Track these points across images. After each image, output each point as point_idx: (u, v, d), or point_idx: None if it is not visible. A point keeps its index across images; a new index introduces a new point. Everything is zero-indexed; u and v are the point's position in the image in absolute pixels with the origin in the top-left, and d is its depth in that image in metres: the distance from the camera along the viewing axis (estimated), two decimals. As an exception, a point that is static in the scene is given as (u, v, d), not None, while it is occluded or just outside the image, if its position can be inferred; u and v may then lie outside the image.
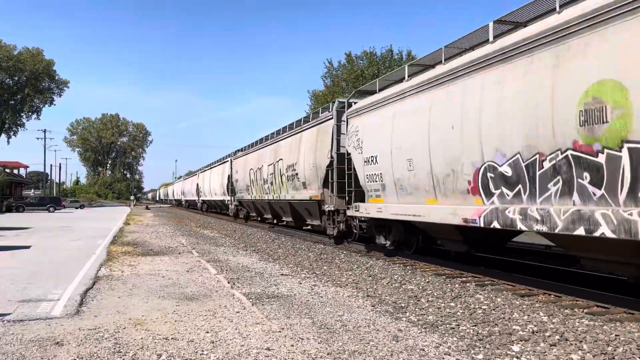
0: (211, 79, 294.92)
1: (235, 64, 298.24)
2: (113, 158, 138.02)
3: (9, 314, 6.77)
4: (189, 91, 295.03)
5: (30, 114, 72.44)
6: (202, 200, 47.16)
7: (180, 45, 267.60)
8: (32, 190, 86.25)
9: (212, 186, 39.82)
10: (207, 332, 5.89)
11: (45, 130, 77.61)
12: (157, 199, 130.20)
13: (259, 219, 27.52)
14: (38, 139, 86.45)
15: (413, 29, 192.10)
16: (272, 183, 22.08)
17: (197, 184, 49.42)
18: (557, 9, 7.46)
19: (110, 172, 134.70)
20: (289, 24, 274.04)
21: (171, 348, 5.29)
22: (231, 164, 32.57)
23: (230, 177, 32.35)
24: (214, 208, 44.27)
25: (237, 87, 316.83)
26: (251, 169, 26.03)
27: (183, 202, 67.70)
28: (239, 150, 31.89)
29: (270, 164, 22.44)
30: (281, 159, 20.73)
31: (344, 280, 9.78)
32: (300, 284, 9.30)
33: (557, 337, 5.73)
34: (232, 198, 31.93)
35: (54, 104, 74.57)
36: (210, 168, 42.13)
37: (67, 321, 6.42)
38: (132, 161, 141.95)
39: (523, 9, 8.38)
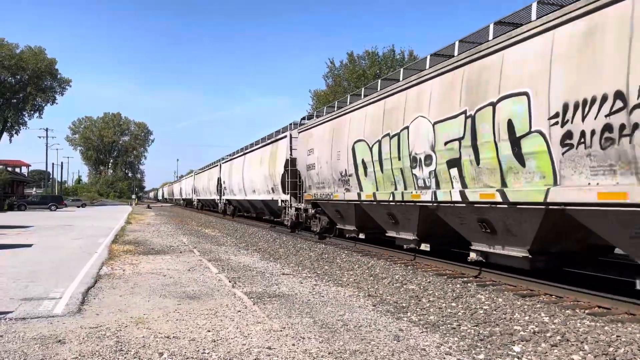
0: (212, 78, 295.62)
1: (236, 63, 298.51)
2: (115, 157, 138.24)
3: (11, 312, 6.79)
4: (190, 90, 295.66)
5: (32, 112, 72.46)
6: (227, 200, 34.58)
7: (182, 45, 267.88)
8: (34, 189, 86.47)
9: (249, 180, 27.08)
10: (209, 331, 5.90)
11: (47, 129, 77.82)
12: (161, 198, 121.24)
13: (359, 235, 14.52)
14: (40, 137, 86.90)
15: (415, 29, 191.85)
16: (456, 162, 9.11)
17: (219, 179, 36.47)
18: None
19: (111, 171, 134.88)
20: (290, 24, 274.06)
21: (173, 347, 5.30)
22: (290, 142, 20.61)
23: (290, 163, 19.93)
24: (248, 211, 31.49)
25: (237, 87, 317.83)
26: (358, 141, 13.13)
27: (194, 202, 53.65)
28: (308, 117, 21.09)
29: (453, 117, 9.14)
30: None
31: (345, 279, 9.78)
32: (302, 283, 9.31)
33: (559, 337, 5.73)
34: (293, 198, 19.80)
35: (56, 103, 74.61)
36: (244, 154, 29.40)
37: (69, 319, 6.43)
38: (134, 160, 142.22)
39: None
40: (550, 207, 7.24)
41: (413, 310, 7.16)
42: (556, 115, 6.97)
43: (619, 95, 6.07)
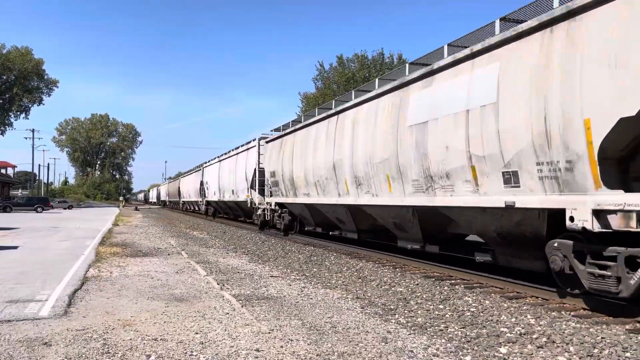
0: (200, 80, 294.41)
1: (226, 65, 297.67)
2: (102, 158, 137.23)
3: (-4, 314, 6.71)
4: (179, 92, 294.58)
5: (18, 113, 71.76)
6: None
7: (171, 46, 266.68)
8: (20, 190, 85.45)
9: None
10: (197, 333, 5.88)
11: (33, 130, 77.05)
12: (155, 200, 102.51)
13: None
14: (26, 138, 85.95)
15: (404, 33, 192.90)
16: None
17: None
18: None
19: (99, 173, 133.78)
20: (279, 26, 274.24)
21: (160, 349, 5.28)
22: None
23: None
24: None
25: (227, 88, 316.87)
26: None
27: (263, 212, 22.03)
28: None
29: None
30: None
31: (333, 282, 9.80)
32: (290, 285, 9.31)
33: (544, 339, 5.79)
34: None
35: (43, 104, 73.90)
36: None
37: (55, 322, 6.38)
38: (122, 162, 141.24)
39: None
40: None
41: (401, 312, 7.19)
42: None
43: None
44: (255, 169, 23.38)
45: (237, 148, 28.71)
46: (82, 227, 26.32)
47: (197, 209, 45.50)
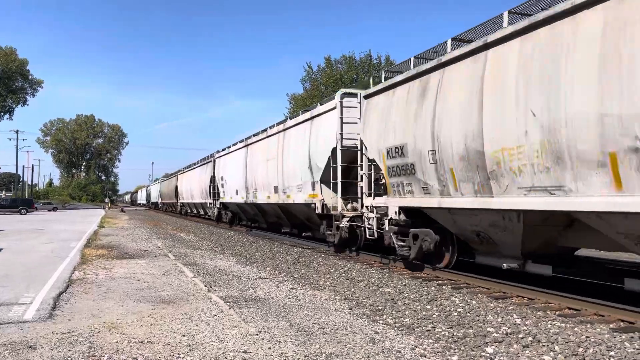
0: (187, 81, 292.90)
1: (213, 66, 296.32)
2: (87, 160, 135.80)
3: (-20, 317, 6.62)
4: (166, 93, 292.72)
5: (2, 114, 70.92)
6: None
7: (158, 46, 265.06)
8: (4, 192, 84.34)
9: None
10: (184, 336, 5.85)
11: (17, 130, 75.88)
12: (146, 202, 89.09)
13: None
14: (10, 139, 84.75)
15: (391, 35, 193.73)
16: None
17: None
18: None
19: (84, 174, 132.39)
20: (268, 27, 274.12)
21: (147, 352, 5.25)
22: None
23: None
24: None
25: (214, 89, 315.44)
26: None
27: (333, 217, 13.98)
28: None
29: None
30: None
31: (321, 283, 9.80)
32: (278, 287, 9.30)
33: (530, 338, 5.85)
34: None
35: (27, 104, 73.04)
36: None
37: (40, 325, 6.31)
38: (107, 163, 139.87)
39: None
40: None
41: (389, 313, 7.22)
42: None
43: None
44: (334, 149, 13.89)
45: (285, 121, 18.42)
46: (67, 229, 26.05)
47: (203, 212, 34.88)
